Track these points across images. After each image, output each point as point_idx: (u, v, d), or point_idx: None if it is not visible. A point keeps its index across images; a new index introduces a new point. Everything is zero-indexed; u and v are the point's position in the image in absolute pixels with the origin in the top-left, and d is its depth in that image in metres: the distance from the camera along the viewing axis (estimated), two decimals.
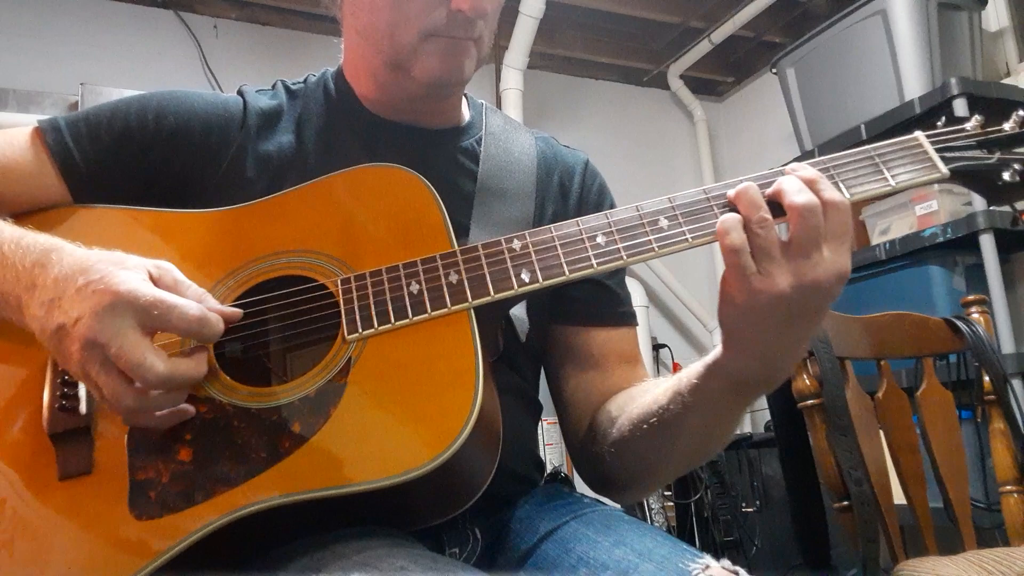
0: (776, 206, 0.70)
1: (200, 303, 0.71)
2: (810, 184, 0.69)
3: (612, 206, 1.04)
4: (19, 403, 0.75)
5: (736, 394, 0.77)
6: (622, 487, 0.94)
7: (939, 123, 0.80)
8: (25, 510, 0.70)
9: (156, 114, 0.89)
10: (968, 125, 0.79)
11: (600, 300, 0.99)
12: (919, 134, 0.78)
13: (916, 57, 2.56)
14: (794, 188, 0.69)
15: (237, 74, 3.02)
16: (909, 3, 2.56)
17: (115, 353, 0.66)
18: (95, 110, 0.90)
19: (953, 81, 2.37)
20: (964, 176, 0.78)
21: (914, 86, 2.55)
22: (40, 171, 0.86)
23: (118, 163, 0.88)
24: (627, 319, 1.01)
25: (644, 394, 0.87)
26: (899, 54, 2.58)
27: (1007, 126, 0.79)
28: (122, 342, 0.66)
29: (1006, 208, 2.07)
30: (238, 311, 0.75)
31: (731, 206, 0.72)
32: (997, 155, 0.78)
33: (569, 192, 1.02)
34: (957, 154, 0.78)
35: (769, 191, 0.71)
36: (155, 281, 0.71)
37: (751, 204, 0.69)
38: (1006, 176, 0.77)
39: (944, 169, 0.76)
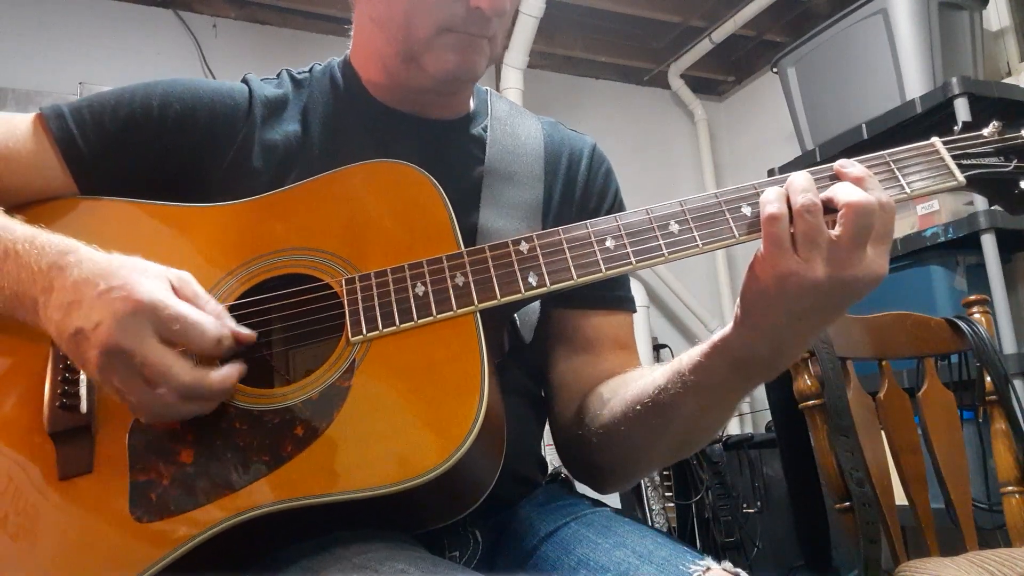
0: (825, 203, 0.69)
1: (219, 320, 0.71)
2: (863, 181, 0.70)
3: (617, 190, 1.03)
4: (19, 401, 0.75)
5: (737, 375, 0.76)
6: (606, 474, 0.93)
7: (956, 128, 0.79)
8: (24, 509, 0.70)
9: (161, 101, 0.89)
10: (985, 131, 0.78)
11: (597, 283, 0.98)
12: (936, 140, 0.77)
13: (917, 56, 2.56)
14: (855, 182, 0.70)
15: (236, 73, 2.99)
16: (910, 2, 2.56)
17: (140, 361, 0.66)
18: (98, 97, 0.89)
19: (954, 81, 2.36)
20: (980, 184, 0.77)
21: (915, 85, 2.55)
22: (43, 159, 0.84)
23: (122, 151, 0.87)
24: (624, 304, 1.00)
25: (640, 377, 0.86)
26: (900, 53, 2.58)
27: None
28: (146, 350, 0.66)
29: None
30: (253, 335, 0.74)
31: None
32: (1014, 163, 0.76)
33: (577, 174, 1.01)
34: (974, 161, 0.76)
35: (824, 195, 0.70)
36: (176, 292, 0.70)
37: (802, 189, 0.68)
38: (1023, 184, 0.76)
39: (960, 177, 0.75)
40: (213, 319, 0.71)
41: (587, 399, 0.92)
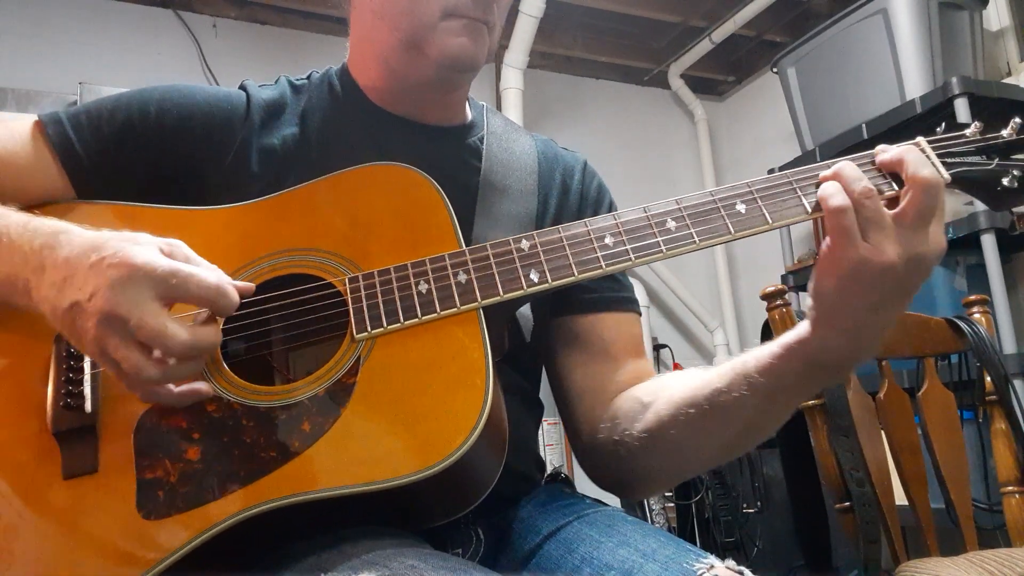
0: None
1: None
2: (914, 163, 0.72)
3: (611, 204, 1.05)
4: (22, 400, 0.74)
5: (811, 376, 0.76)
6: (645, 479, 0.92)
7: (939, 128, 0.81)
8: (29, 509, 0.70)
9: (158, 107, 0.89)
10: (968, 131, 0.80)
11: (604, 287, 0.98)
12: (921, 139, 0.79)
13: (917, 56, 2.56)
14: (919, 160, 0.71)
15: (236, 73, 3.00)
16: (910, 2, 2.56)
17: (135, 324, 0.65)
18: (96, 103, 0.89)
19: (954, 80, 2.37)
20: (964, 182, 0.79)
21: (915, 85, 2.55)
22: (41, 164, 0.85)
23: (120, 156, 0.87)
24: (631, 305, 1.00)
25: (687, 379, 0.85)
26: (900, 53, 2.59)
27: (1005, 132, 0.80)
28: (141, 313, 0.66)
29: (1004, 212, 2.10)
30: (251, 285, 0.75)
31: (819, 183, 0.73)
32: (996, 161, 0.79)
33: (570, 189, 1.02)
34: (958, 160, 0.78)
35: (885, 158, 0.73)
36: (167, 256, 0.70)
37: (855, 178, 0.70)
38: (1005, 182, 0.78)
39: (946, 174, 0.77)
40: (211, 269, 0.71)
41: (618, 404, 0.92)
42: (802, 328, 0.74)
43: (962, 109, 2.33)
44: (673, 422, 0.83)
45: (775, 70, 3.10)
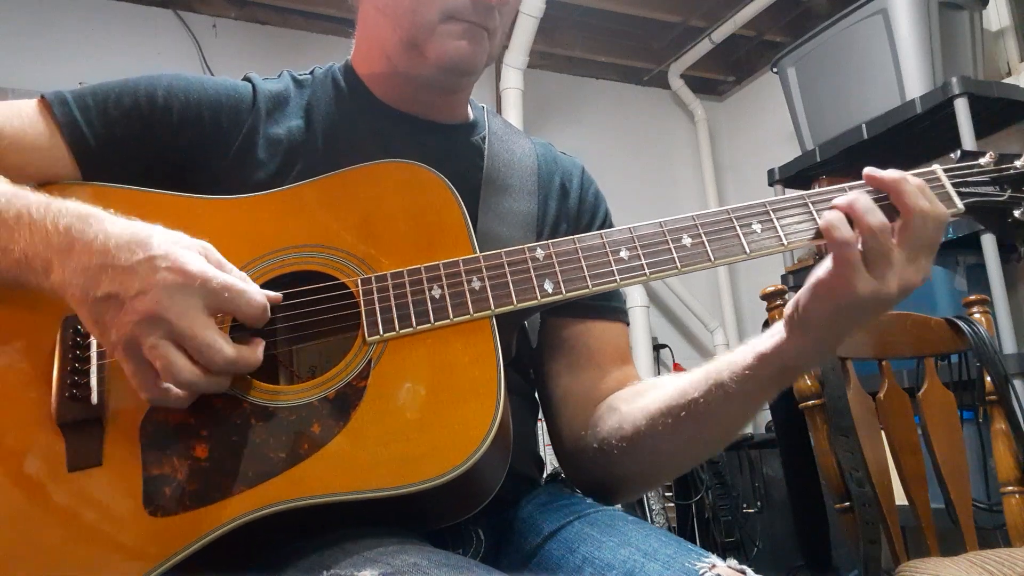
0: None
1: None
2: (924, 190, 0.73)
3: (607, 210, 1.06)
4: (25, 389, 0.73)
5: (780, 379, 0.78)
6: (624, 483, 0.93)
7: (953, 155, 0.82)
8: (31, 501, 0.69)
9: (166, 92, 0.89)
10: (982, 161, 0.81)
11: (596, 295, 0.98)
12: (937, 167, 0.80)
13: (917, 56, 2.56)
14: (918, 192, 0.72)
15: (236, 73, 2.99)
16: (910, 2, 2.56)
17: (186, 332, 0.66)
18: (102, 85, 0.89)
19: (954, 80, 2.37)
20: (976, 212, 0.80)
21: (915, 85, 2.55)
22: (50, 144, 0.84)
23: (126, 139, 0.86)
24: (621, 315, 1.01)
25: (659, 388, 0.86)
26: (900, 53, 2.58)
27: (1018, 163, 0.80)
28: (192, 322, 0.66)
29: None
30: (279, 295, 0.75)
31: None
32: (1008, 192, 0.79)
33: (569, 193, 1.03)
34: (972, 189, 0.79)
35: (884, 180, 0.73)
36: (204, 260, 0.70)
37: (869, 210, 0.70)
38: (1016, 214, 0.79)
39: (960, 204, 0.77)
40: (257, 287, 0.72)
41: (599, 411, 0.92)
42: (778, 337, 0.75)
43: (962, 109, 2.33)
44: (651, 430, 0.84)
45: (775, 70, 3.10)
